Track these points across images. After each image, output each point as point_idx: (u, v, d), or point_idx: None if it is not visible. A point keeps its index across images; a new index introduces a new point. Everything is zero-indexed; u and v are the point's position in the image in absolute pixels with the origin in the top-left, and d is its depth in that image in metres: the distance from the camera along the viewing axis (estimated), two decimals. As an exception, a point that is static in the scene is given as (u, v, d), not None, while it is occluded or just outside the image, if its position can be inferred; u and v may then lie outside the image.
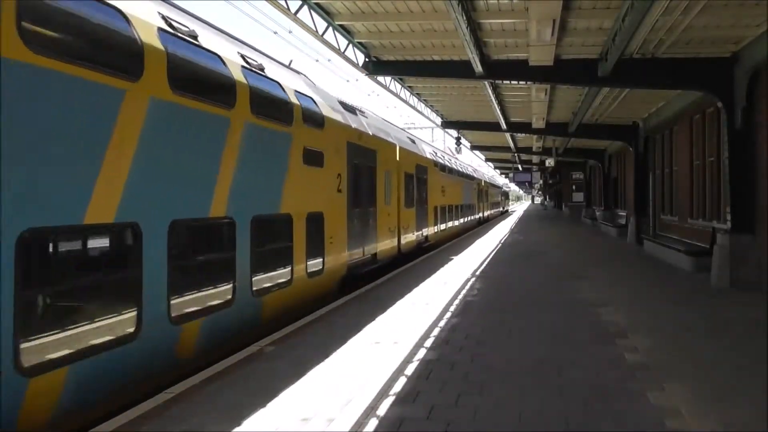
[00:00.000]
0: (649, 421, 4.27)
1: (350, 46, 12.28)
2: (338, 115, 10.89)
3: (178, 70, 5.90)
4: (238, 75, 7.13)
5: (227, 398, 4.86)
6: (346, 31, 11.64)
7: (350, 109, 12.51)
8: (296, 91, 9.04)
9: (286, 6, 9.59)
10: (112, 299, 5.09)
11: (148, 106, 5.41)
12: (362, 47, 12.68)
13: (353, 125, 11.71)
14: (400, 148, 15.77)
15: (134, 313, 5.16)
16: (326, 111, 10.17)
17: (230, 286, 6.76)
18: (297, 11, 9.91)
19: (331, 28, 11.17)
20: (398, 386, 5.13)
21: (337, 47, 11.73)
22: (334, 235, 10.25)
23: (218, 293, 6.57)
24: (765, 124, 10.33)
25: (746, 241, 10.49)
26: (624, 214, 25.30)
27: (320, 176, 9.69)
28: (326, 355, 6.13)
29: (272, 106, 8.09)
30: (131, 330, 5.12)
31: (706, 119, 13.98)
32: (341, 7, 10.34)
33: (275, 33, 14.93)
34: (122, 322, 5.07)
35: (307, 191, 9.08)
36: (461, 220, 28.56)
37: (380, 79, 15.04)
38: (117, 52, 5.26)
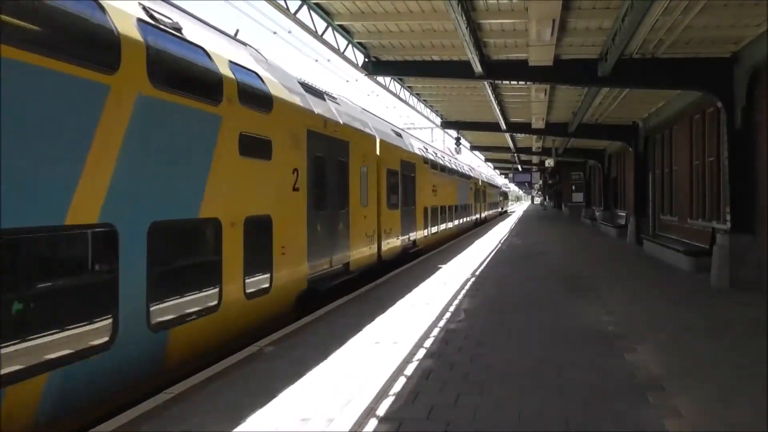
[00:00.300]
0: (646, 414, 4.27)
1: (350, 46, 12.27)
2: (295, 98, 9.04)
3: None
4: (126, 29, 5.30)
5: (227, 398, 4.85)
6: (345, 31, 11.63)
7: (315, 93, 10.67)
8: (231, 62, 7.19)
9: (285, 6, 9.59)
10: None
11: None
12: (362, 47, 12.67)
13: (317, 110, 9.90)
14: (381, 141, 14.15)
15: None
16: (276, 91, 8.29)
17: (108, 320, 4.90)
18: (296, 11, 9.91)
19: (330, 29, 11.17)
20: (398, 386, 5.12)
21: (336, 47, 11.72)
22: (288, 243, 8.48)
23: (83, 334, 4.65)
24: (765, 124, 10.33)
25: (746, 242, 10.49)
26: (624, 214, 25.30)
27: (266, 171, 7.86)
28: (326, 355, 6.12)
29: (188, 77, 6.36)
30: None
31: (705, 119, 13.99)
32: (341, 7, 10.33)
33: (275, 33, 14.94)
34: None
35: (245, 189, 7.30)
36: (455, 222, 26.75)
37: (380, 79, 15.04)
38: None
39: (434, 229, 21.46)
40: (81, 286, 4.79)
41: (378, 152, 13.85)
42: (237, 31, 8.81)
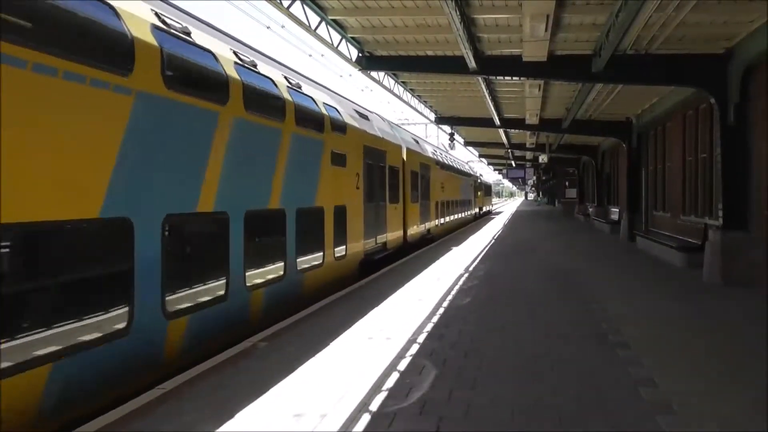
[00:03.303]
0: (627, 384, 4.28)
1: (343, 41, 12.23)
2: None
3: None
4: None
5: (219, 394, 4.83)
6: (339, 26, 11.59)
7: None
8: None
9: (278, 0, 9.53)
10: None
11: None
12: (356, 42, 12.62)
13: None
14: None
15: None
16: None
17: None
18: (290, 5, 9.85)
19: (324, 23, 11.12)
20: (391, 381, 5.12)
21: (330, 42, 11.67)
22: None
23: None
24: (757, 120, 10.39)
25: (738, 238, 10.55)
26: (617, 210, 25.40)
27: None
28: (319, 351, 6.11)
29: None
30: None
31: (699, 115, 14.04)
32: (334, 1, 10.28)
33: (268, 27, 14.83)
34: None
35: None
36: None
37: (374, 74, 14.99)
38: None
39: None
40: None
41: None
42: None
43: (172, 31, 6.10)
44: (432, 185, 21.38)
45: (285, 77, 9.00)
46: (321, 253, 9.89)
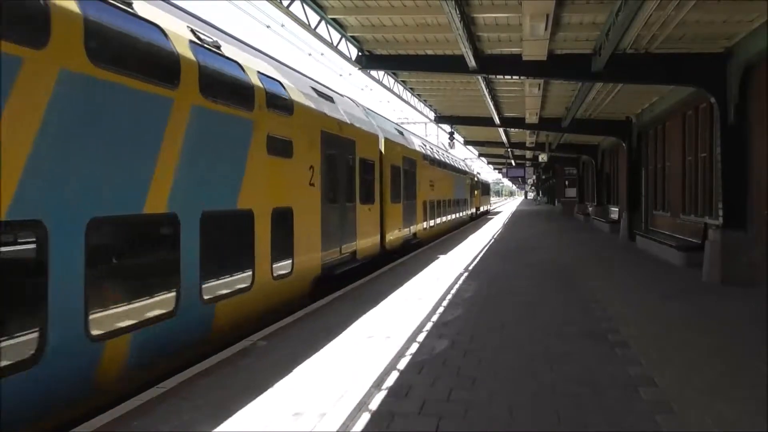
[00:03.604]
0: (623, 380, 4.28)
1: (343, 40, 12.22)
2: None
3: None
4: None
5: (219, 393, 4.82)
6: (339, 25, 11.58)
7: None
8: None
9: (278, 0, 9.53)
10: None
11: None
12: (355, 41, 12.61)
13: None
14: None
15: None
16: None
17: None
18: (289, 4, 9.85)
19: (323, 22, 11.11)
20: (391, 380, 5.12)
21: (330, 41, 11.66)
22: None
23: None
24: (757, 120, 10.38)
25: (738, 237, 10.55)
26: (616, 209, 25.40)
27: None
28: (319, 350, 6.11)
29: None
30: None
31: (699, 115, 14.03)
32: (334, 0, 10.27)
33: (268, 27, 14.83)
34: None
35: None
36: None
37: (373, 73, 14.98)
38: None
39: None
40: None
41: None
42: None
43: None
44: (419, 183, 19.02)
45: (191, 29, 6.69)
46: (249, 272, 7.38)
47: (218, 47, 7.14)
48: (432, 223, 21.63)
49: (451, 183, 27.47)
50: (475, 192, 40.74)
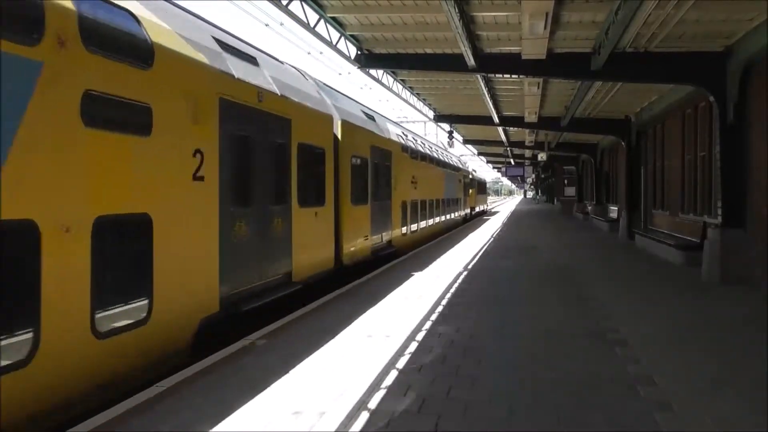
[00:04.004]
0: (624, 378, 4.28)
1: (342, 38, 12.20)
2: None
3: None
4: None
5: (218, 392, 4.82)
6: (338, 24, 11.56)
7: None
8: None
9: (277, -2, 9.51)
10: None
11: None
12: (354, 40, 12.60)
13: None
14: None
15: None
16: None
17: None
18: (288, 3, 9.84)
19: (323, 21, 11.09)
20: (390, 379, 5.11)
21: (329, 40, 11.65)
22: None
23: None
24: (757, 119, 10.37)
25: (737, 236, 10.55)
26: (616, 208, 25.41)
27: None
28: (318, 349, 6.10)
29: None
30: None
31: (698, 114, 14.03)
32: (333, -1, 10.27)
33: (267, 25, 14.82)
34: None
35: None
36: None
37: (373, 72, 14.97)
38: None
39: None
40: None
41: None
42: None
43: None
44: (396, 179, 15.93)
45: None
46: (28, 332, 4.30)
47: (320, 96, 5.52)
48: (414, 227, 18.53)
49: (440, 180, 24.37)
50: (470, 191, 38.67)
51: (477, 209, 43.07)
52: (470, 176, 39.35)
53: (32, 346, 4.28)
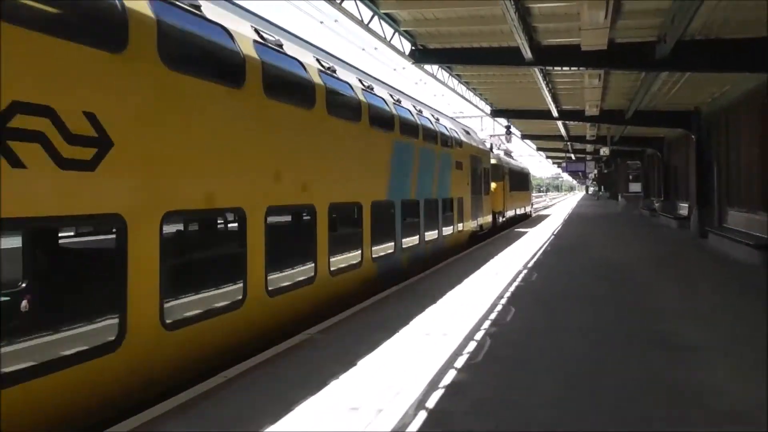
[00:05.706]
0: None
1: (396, 34, 12.20)
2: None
3: None
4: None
5: (277, 384, 4.92)
6: (391, 20, 11.57)
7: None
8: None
9: (332, -3, 9.62)
10: None
11: None
12: (408, 35, 12.58)
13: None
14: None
15: None
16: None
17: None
18: (342, 1, 9.91)
19: (376, 17, 11.13)
20: (448, 379, 5.06)
21: (383, 36, 11.67)
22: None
23: None
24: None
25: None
26: (685, 205, 24.19)
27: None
28: (375, 346, 6.11)
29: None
30: None
31: (777, 102, 13.11)
32: (387, -5, 10.28)
33: (321, 22, 15.05)
34: None
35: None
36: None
37: (427, 67, 14.90)
38: None
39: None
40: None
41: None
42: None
43: None
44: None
45: None
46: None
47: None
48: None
49: (380, 161, 10.80)
50: (492, 184, 22.54)
51: (509, 213, 27.14)
52: (490, 157, 22.93)
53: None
